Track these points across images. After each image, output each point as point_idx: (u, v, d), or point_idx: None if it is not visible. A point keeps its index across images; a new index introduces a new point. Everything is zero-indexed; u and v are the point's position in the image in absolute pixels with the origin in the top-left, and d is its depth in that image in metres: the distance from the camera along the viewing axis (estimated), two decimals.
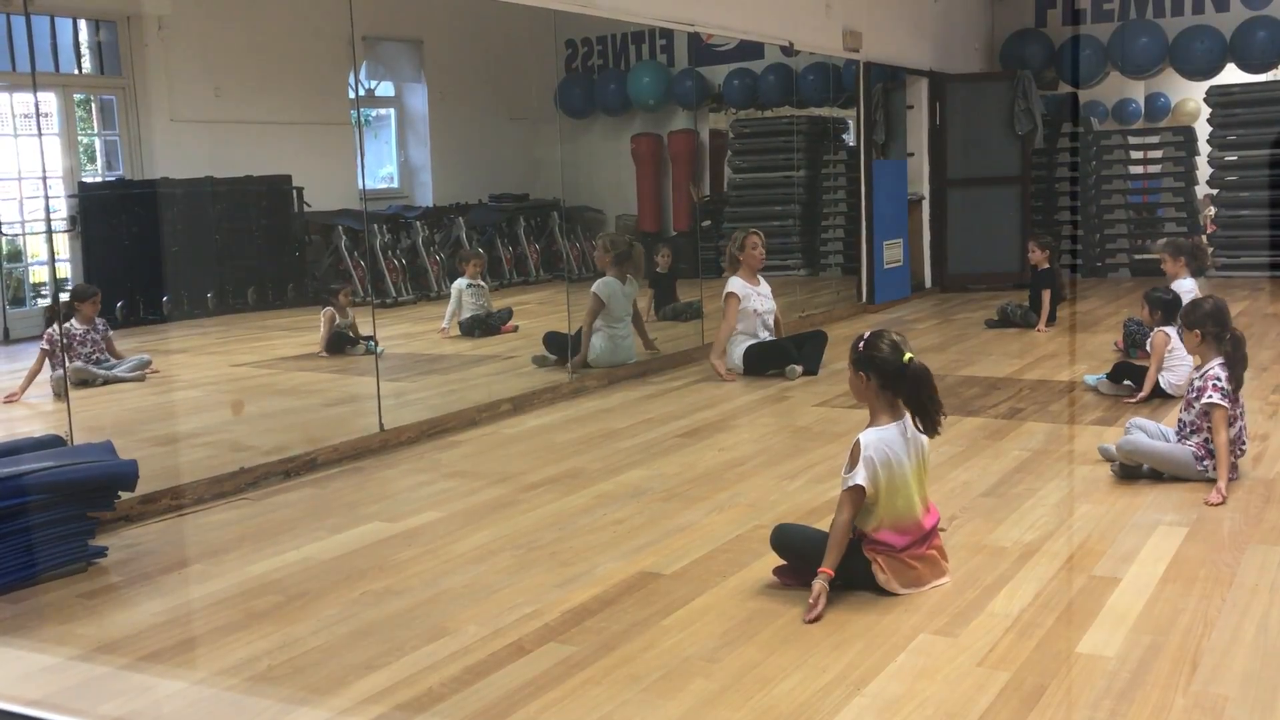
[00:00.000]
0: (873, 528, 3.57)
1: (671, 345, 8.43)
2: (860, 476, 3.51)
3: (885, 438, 3.57)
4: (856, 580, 3.58)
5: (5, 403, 6.87)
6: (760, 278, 7.72)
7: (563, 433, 6.14)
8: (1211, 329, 4.67)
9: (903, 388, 3.58)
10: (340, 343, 8.50)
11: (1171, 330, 6.24)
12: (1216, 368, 4.61)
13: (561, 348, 7.70)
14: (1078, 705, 2.83)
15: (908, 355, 3.58)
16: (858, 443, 3.56)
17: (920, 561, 3.60)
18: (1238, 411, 4.63)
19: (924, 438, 3.65)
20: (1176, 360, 6.31)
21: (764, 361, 7.50)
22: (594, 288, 7.78)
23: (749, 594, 3.63)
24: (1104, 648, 3.14)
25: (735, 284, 7.56)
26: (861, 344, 3.64)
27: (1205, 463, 4.61)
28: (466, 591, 3.76)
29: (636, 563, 3.96)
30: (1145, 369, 6.40)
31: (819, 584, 3.44)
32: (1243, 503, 4.40)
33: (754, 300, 7.58)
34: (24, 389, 6.92)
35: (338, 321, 8.53)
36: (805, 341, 7.67)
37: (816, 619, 3.37)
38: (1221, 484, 4.43)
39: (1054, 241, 9.67)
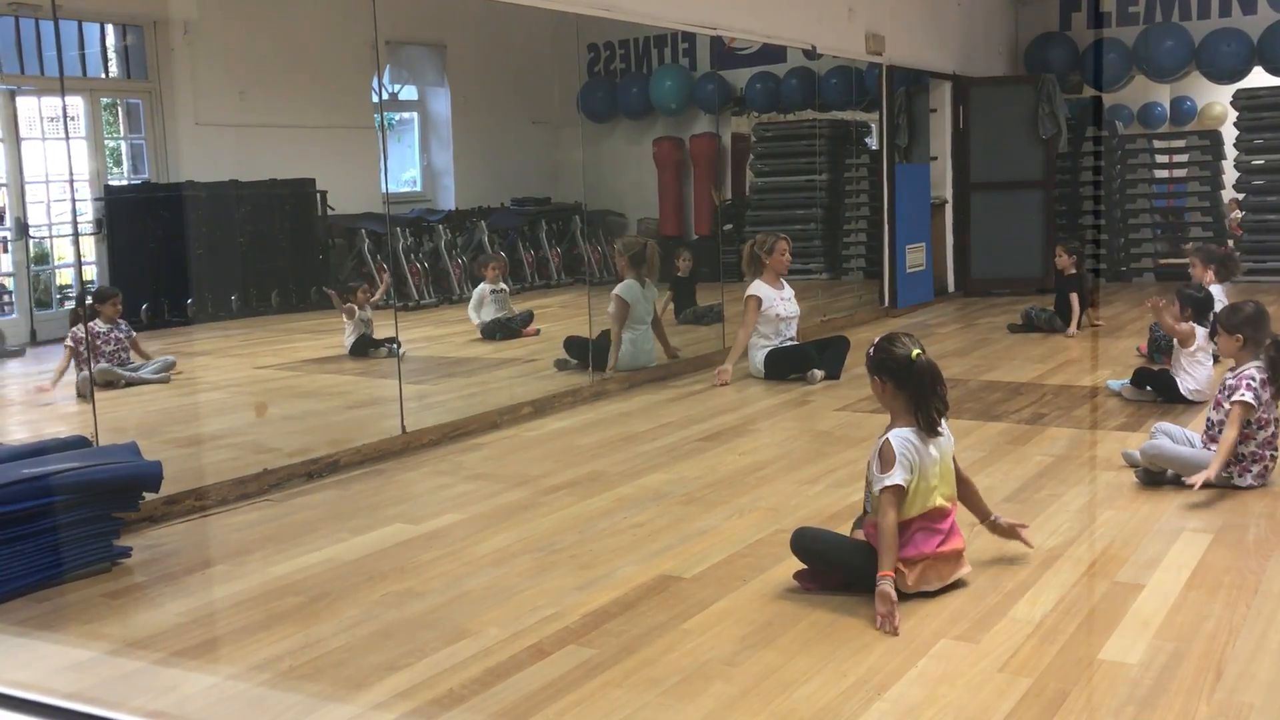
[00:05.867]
0: (904, 519, 3.53)
1: (692, 349, 8.43)
2: (899, 476, 3.49)
3: (910, 437, 3.56)
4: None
5: (38, 392, 7.06)
6: (784, 282, 7.71)
7: (583, 436, 6.15)
8: (1251, 334, 4.64)
9: (909, 383, 3.57)
10: (364, 346, 8.54)
11: (1201, 331, 6.19)
12: (1254, 369, 4.57)
13: (583, 352, 7.70)
14: (1100, 712, 2.81)
15: (915, 351, 3.58)
16: (888, 442, 3.54)
17: (942, 561, 3.58)
18: (1272, 416, 4.59)
19: (946, 439, 3.64)
20: (1197, 363, 6.26)
21: (785, 366, 7.48)
22: (617, 290, 7.68)
23: (769, 598, 3.62)
24: (1127, 655, 3.12)
25: (759, 287, 7.53)
26: (873, 349, 3.66)
27: (1230, 469, 4.57)
28: (487, 594, 3.77)
29: (657, 566, 3.96)
30: (1169, 374, 6.35)
31: (885, 589, 3.36)
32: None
33: (777, 305, 7.56)
34: (55, 382, 7.10)
35: (358, 315, 8.57)
36: (827, 346, 7.64)
37: (896, 629, 3.28)
38: (1210, 474, 4.33)
39: (1081, 246, 9.62)
